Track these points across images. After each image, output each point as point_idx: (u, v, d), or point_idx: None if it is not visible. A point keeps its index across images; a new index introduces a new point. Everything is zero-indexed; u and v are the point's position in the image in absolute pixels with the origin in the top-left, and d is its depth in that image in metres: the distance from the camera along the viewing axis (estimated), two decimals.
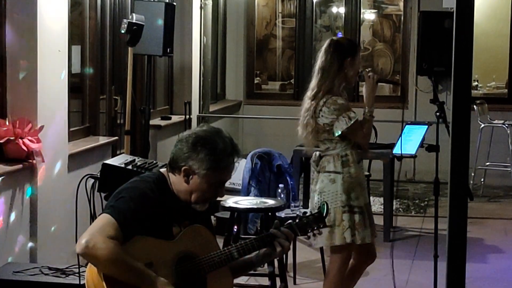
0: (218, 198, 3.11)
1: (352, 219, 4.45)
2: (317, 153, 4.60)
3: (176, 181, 2.99)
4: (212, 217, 6.75)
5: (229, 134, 3.03)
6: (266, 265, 5.02)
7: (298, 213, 3.19)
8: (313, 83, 4.54)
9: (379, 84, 4.67)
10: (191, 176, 2.95)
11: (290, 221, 3.14)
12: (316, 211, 3.17)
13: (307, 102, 4.55)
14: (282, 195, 6.04)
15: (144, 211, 2.86)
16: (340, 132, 4.44)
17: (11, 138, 4.85)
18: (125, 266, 2.75)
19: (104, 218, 2.81)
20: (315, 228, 3.12)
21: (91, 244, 2.73)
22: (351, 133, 4.46)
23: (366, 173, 7.73)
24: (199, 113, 8.77)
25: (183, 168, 2.94)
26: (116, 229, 2.77)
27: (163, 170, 3.06)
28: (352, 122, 4.42)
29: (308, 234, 3.14)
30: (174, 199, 2.99)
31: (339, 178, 4.48)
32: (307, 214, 3.17)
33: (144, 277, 2.79)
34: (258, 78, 11.02)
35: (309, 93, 4.56)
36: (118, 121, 6.73)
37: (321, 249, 5.93)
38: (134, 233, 2.82)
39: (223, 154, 2.95)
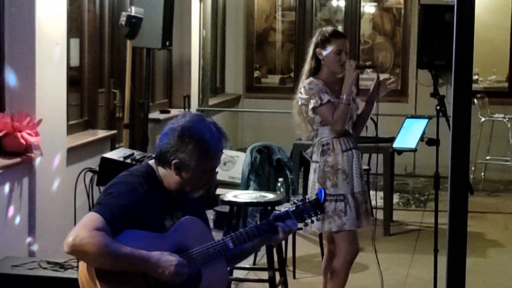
0: (218, 192, 3.10)
1: (328, 207, 4.45)
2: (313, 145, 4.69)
3: (166, 174, 2.95)
4: (211, 211, 6.76)
5: (212, 119, 2.99)
6: (265, 260, 5.00)
7: (295, 200, 3.16)
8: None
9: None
10: (182, 169, 2.92)
11: (286, 208, 3.11)
12: (313, 197, 3.15)
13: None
14: (281, 189, 6.02)
15: (133, 206, 2.82)
16: (311, 112, 4.51)
17: (10, 131, 4.84)
18: (115, 254, 2.71)
19: (90, 216, 2.78)
20: (313, 214, 3.10)
21: (77, 240, 2.70)
22: (320, 113, 4.52)
23: (366, 166, 7.73)
24: (198, 106, 8.75)
25: (173, 162, 2.91)
26: (103, 223, 2.74)
27: (151, 162, 3.01)
28: (321, 102, 4.49)
29: (306, 221, 3.12)
30: (164, 191, 2.96)
31: (317, 167, 4.57)
32: (304, 201, 3.13)
33: (137, 259, 2.75)
34: (257, 72, 11.00)
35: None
36: (117, 115, 6.72)
37: (320, 243, 5.92)
38: (124, 228, 2.79)
39: (211, 141, 2.91)
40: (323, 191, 3.15)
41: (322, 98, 4.50)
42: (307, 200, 3.13)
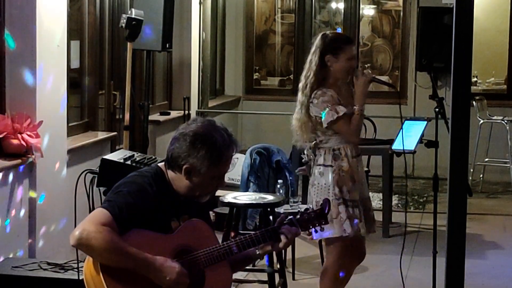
0: (217, 193, 3.11)
1: (348, 211, 4.46)
2: (311, 143, 4.61)
3: (176, 177, 2.99)
4: (211, 212, 6.76)
5: (224, 125, 3.02)
6: (264, 260, 5.02)
7: (299, 209, 3.17)
8: (302, 74, 4.58)
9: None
10: (192, 174, 2.95)
11: (291, 216, 3.13)
12: (318, 207, 3.16)
13: (299, 94, 4.59)
14: (281, 191, 6.04)
15: (142, 206, 2.86)
16: (326, 124, 4.43)
17: (10, 133, 4.85)
18: (121, 252, 2.75)
19: (98, 211, 2.82)
20: (317, 224, 3.12)
21: (84, 234, 2.73)
22: (337, 127, 4.46)
23: (365, 169, 7.75)
24: (198, 108, 8.76)
25: (184, 167, 2.94)
26: (110, 220, 2.78)
27: (161, 164, 3.06)
28: (338, 115, 4.41)
29: (310, 230, 3.14)
30: (172, 193, 2.99)
31: (329, 171, 4.50)
32: (309, 211, 3.15)
33: (141, 260, 2.78)
34: (257, 74, 11.01)
35: (300, 84, 4.60)
36: (117, 117, 6.72)
37: (320, 245, 5.93)
38: (131, 227, 2.82)
39: (222, 148, 2.95)
40: (328, 201, 3.17)
41: (338, 111, 4.41)
42: (312, 210, 3.15)
